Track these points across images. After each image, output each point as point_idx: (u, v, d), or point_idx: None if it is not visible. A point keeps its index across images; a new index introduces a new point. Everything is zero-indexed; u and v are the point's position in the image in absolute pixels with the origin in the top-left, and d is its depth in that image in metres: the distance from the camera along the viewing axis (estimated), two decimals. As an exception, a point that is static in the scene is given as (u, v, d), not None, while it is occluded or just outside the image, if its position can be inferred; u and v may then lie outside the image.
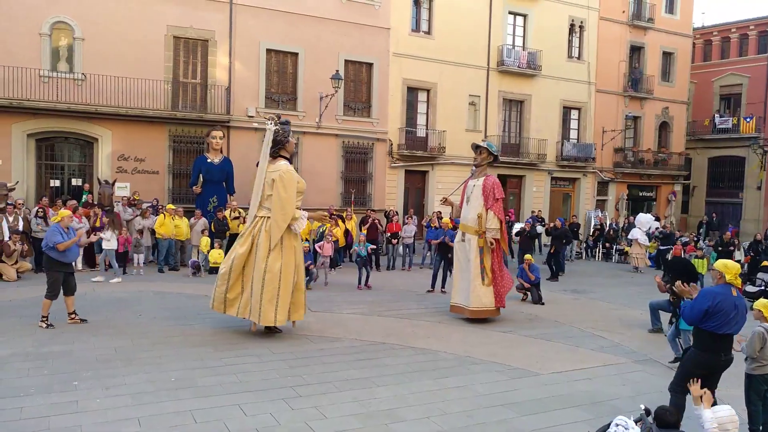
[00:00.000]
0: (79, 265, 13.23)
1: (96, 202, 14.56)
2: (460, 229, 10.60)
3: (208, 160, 16.40)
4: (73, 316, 8.78)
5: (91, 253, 13.88)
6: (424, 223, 17.73)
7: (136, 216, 14.66)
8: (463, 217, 10.57)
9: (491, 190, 10.24)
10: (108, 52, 16.68)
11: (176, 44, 17.92)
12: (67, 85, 16.35)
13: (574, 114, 25.99)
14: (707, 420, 4.22)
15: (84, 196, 15.56)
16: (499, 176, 23.33)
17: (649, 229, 19.79)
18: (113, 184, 15.09)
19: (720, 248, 17.03)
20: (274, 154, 8.77)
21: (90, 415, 5.48)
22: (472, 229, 10.21)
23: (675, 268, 9.39)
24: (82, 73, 16.47)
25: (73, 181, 17.32)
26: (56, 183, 17.16)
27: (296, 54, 19.57)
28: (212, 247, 14.33)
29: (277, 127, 8.70)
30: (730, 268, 5.44)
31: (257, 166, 16.61)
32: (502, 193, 10.40)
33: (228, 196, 16.57)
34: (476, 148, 10.85)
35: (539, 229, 18.59)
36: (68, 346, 7.61)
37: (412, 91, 22.03)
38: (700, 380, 4.68)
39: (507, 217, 20.41)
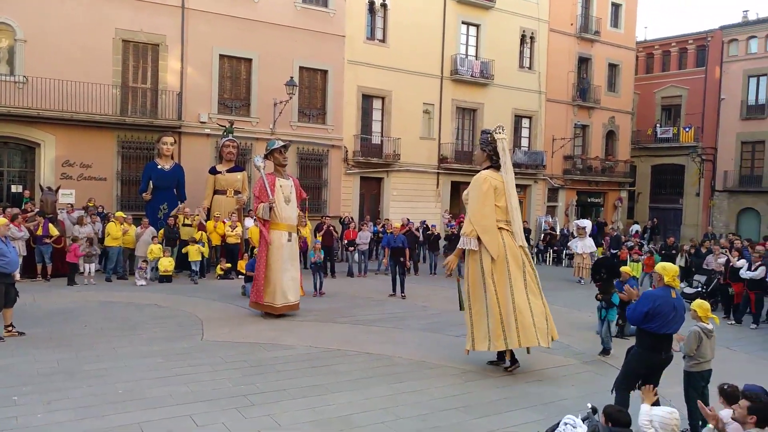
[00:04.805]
0: (17, 276, 12.63)
1: (37, 210, 13.97)
2: (286, 230, 10.60)
3: (159, 167, 16.04)
4: (10, 328, 8.39)
5: (32, 263, 13.32)
6: (380, 229, 17.80)
7: (75, 224, 14.02)
8: (289, 218, 10.68)
9: (299, 190, 11.20)
10: (52, 54, 16.09)
11: (125, 48, 17.46)
12: (7, 88, 15.67)
13: (525, 122, 26.65)
14: (641, 414, 4.45)
15: (24, 204, 14.91)
16: (453, 183, 24.43)
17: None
18: (57, 191, 14.57)
19: (664, 252, 17.68)
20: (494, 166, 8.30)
21: (30, 431, 5.25)
22: (295, 228, 10.78)
23: (601, 265, 10.08)
24: (24, 76, 15.81)
25: (13, 188, 16.59)
26: (-6, 189, 16.41)
27: (250, 60, 19.38)
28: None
29: None
30: (668, 270, 5.69)
31: (210, 173, 16.67)
32: None
33: (178, 202, 16.21)
34: (284, 146, 10.99)
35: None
36: (7, 360, 7.27)
37: (367, 99, 22.12)
38: (642, 380, 4.90)
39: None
